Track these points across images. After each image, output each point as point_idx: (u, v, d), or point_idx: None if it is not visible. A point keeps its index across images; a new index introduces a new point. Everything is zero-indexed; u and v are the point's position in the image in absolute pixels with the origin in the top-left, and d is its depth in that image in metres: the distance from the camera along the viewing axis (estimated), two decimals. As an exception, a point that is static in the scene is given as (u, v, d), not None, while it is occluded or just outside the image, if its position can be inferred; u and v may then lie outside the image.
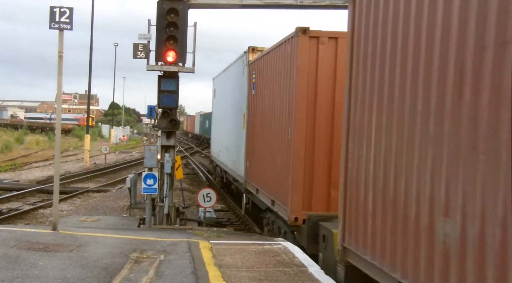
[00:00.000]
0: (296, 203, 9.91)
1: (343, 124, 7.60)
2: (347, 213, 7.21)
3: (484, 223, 4.04)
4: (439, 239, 4.71)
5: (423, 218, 5.05)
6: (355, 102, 7.15)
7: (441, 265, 4.61)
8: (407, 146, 5.49)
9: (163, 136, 13.63)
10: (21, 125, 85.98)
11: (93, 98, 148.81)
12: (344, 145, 7.42)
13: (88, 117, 40.28)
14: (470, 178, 4.25)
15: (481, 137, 4.11)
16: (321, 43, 10.08)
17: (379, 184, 6.18)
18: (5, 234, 9.42)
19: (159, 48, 12.82)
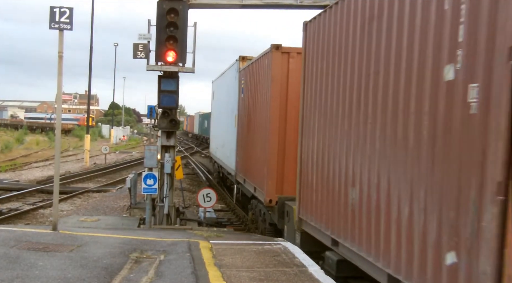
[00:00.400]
0: (270, 188, 12.05)
1: (299, 124, 9.89)
2: (301, 192, 9.48)
3: (369, 189, 6.52)
4: (350, 201, 7.20)
5: (342, 189, 7.51)
6: (306, 108, 9.47)
7: (351, 218, 7.11)
8: (333, 140, 8.01)
9: (163, 136, 13.63)
10: (21, 125, 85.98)
11: (93, 98, 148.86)
12: (300, 140, 9.82)
13: (88, 117, 40.27)
14: (362, 161, 6.82)
15: (368, 134, 6.66)
16: (291, 57, 12.13)
17: (319, 168, 8.63)
18: (5, 234, 9.42)
19: (159, 48, 12.82)
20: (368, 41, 6.77)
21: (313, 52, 9.22)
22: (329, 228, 7.92)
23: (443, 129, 4.94)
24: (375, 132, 6.46)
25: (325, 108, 8.45)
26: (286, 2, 13.23)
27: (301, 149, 9.68)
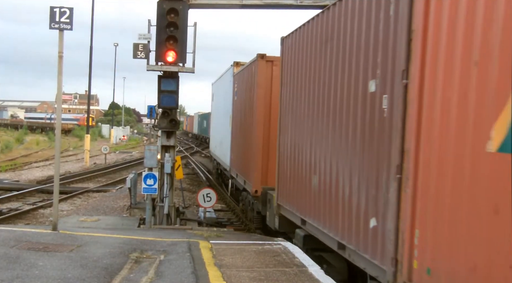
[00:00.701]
0: (256, 180, 13.74)
1: (278, 123, 11.69)
2: (279, 182, 11.23)
3: (329, 176, 8.12)
4: (312, 187, 8.88)
5: (307, 177, 9.22)
6: (282, 110, 11.31)
7: (313, 200, 8.78)
8: (301, 137, 9.76)
9: (163, 136, 13.63)
10: (21, 125, 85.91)
11: (93, 98, 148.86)
12: (278, 138, 11.59)
13: (88, 117, 40.27)
14: (320, 154, 8.57)
15: (324, 133, 8.43)
16: (275, 65, 13.41)
17: (291, 160, 10.39)
18: (5, 234, 9.42)
19: (159, 48, 12.82)
20: (324, 58, 8.64)
21: (288, 63, 11.03)
22: (298, 210, 9.70)
23: (368, 129, 6.64)
24: (328, 131, 8.25)
25: (296, 111, 10.32)
26: (286, 2, 13.22)
27: (279, 145, 11.53)
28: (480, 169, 4.20)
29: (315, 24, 9.28)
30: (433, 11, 5.00)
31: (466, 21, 4.43)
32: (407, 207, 5.38)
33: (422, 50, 5.19)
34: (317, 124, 8.86)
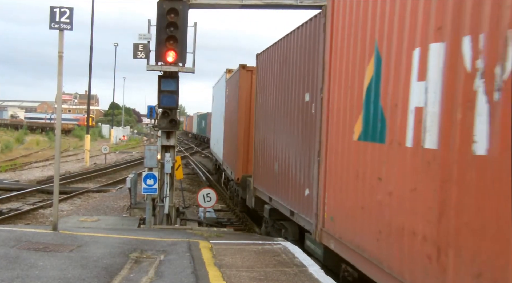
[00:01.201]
0: (238, 169, 16.65)
1: (254, 122, 14.59)
2: (255, 169, 14.03)
3: (284, 162, 10.76)
4: (275, 171, 11.57)
5: (272, 163, 11.91)
6: (256, 111, 14.24)
7: (276, 181, 11.46)
8: (268, 133, 12.58)
9: (163, 136, 13.63)
10: (21, 125, 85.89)
11: (93, 98, 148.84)
12: (255, 133, 14.34)
13: (88, 117, 40.27)
14: (279, 145, 11.28)
15: (281, 130, 11.16)
16: (254, 74, 15.50)
17: (262, 152, 13.29)
18: (5, 234, 9.42)
19: (159, 48, 12.82)
20: (282, 75, 11.50)
21: (260, 75, 14.01)
22: (267, 190, 12.50)
23: (304, 127, 9.53)
24: (284, 129, 11.06)
25: (265, 113, 13.23)
26: (286, 2, 13.22)
27: (254, 140, 14.40)
28: (350, 152, 7.02)
29: (277, 47, 12.08)
30: (333, 52, 7.88)
31: (346, 64, 7.34)
32: (322, 180, 8.13)
33: (328, 76, 8.01)
34: (277, 124, 11.76)
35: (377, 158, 6.15)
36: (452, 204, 4.57)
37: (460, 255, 4.37)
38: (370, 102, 6.39)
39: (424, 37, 5.16)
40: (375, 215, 6.13)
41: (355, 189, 6.77)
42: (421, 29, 5.23)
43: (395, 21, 5.82)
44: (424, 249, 4.95)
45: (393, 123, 5.74)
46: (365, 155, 6.49)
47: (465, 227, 4.35)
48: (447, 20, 4.76)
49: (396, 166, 5.63)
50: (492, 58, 4.12)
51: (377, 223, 6.05)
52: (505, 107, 3.90)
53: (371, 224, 6.22)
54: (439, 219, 4.73)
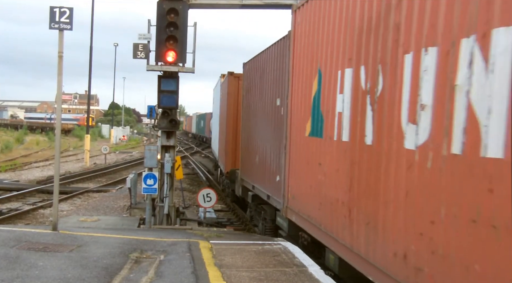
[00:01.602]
0: (228, 164, 19.03)
1: (241, 122, 17.02)
2: (242, 163, 16.45)
3: (262, 155, 13.17)
4: (256, 163, 13.84)
5: (254, 156, 14.14)
6: (243, 112, 16.61)
7: (257, 171, 13.70)
8: (251, 131, 14.92)
9: (163, 136, 13.63)
10: (21, 125, 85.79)
11: (93, 98, 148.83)
12: (242, 131, 16.76)
13: (88, 117, 40.26)
14: (259, 141, 13.67)
15: (261, 128, 13.51)
16: (240, 80, 17.79)
17: (247, 147, 15.56)
18: (5, 234, 9.42)
19: (159, 48, 12.82)
20: (261, 82, 13.82)
21: (245, 82, 16.46)
22: (250, 180, 14.71)
23: (276, 126, 11.63)
24: (263, 127, 13.32)
25: (249, 114, 15.61)
26: (286, 2, 13.21)
27: (241, 137, 16.93)
28: (303, 145, 9.18)
29: (258, 59, 14.41)
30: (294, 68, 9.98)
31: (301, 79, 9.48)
32: (287, 167, 10.28)
33: (291, 86, 10.14)
34: (258, 123, 14.10)
35: (318, 149, 8.36)
36: (355, 179, 6.73)
37: (360, 212, 6.56)
38: (315, 108, 8.57)
39: (342, 63, 7.39)
40: (317, 191, 8.31)
41: (306, 173, 9.01)
42: (341, 57, 7.44)
43: (328, 49, 8.06)
44: (342, 211, 7.17)
45: (327, 123, 7.93)
46: (312, 147, 8.71)
47: (362, 194, 6.52)
48: (353, 53, 6.98)
49: (329, 154, 7.82)
50: (373, 82, 6.28)
51: (319, 196, 8.22)
52: (379, 113, 6.09)
53: (315, 198, 8.41)
54: (350, 189, 6.93)
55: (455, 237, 4.44)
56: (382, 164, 5.94)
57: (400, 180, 5.48)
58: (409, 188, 5.30)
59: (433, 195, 4.81)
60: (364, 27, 6.65)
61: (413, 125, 5.26)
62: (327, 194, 7.81)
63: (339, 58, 7.52)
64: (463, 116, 4.39)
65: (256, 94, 14.49)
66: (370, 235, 6.18)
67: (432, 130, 4.92)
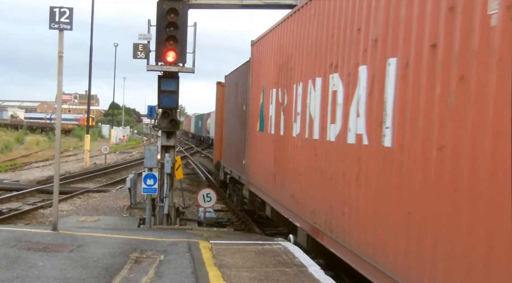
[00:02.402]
0: (216, 156, 22.82)
1: (224, 122, 21.10)
2: (224, 153, 20.64)
3: (236, 146, 17.34)
4: (232, 153, 18.33)
5: (232, 147, 18.56)
6: (224, 115, 20.84)
7: (232, 159, 18.16)
8: (229, 129, 19.42)
9: (163, 136, 13.63)
10: (21, 125, 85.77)
11: (93, 98, 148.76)
12: (224, 129, 20.99)
13: (88, 117, 40.26)
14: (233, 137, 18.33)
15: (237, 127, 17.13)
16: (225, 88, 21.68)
17: (228, 140, 19.89)
18: (5, 234, 9.42)
19: (159, 48, 12.82)
20: (236, 92, 17.52)
21: (227, 90, 20.58)
22: (228, 165, 19.04)
23: (243, 123, 15.43)
24: (237, 126, 16.78)
25: (228, 115, 19.65)
26: (286, 2, 13.22)
27: (224, 134, 21.10)
28: (255, 137, 13.37)
29: (235, 73, 18.47)
30: (252, 84, 13.85)
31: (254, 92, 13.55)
32: (248, 154, 13.89)
33: (251, 96, 13.83)
34: (234, 122, 17.95)
35: (262, 139, 12.58)
36: (276, 157, 10.98)
37: (278, 177, 10.78)
38: (261, 112, 12.63)
39: (272, 85, 11.65)
40: (262, 168, 12.48)
41: (256, 156, 13.34)
42: (271, 81, 11.67)
43: (266, 75, 12.35)
44: (271, 178, 11.35)
45: (266, 122, 12.05)
46: (259, 138, 12.91)
47: (279, 166, 10.73)
48: (276, 80, 11.27)
49: (266, 142, 12.07)
50: (283, 98, 10.61)
51: (262, 171, 12.39)
52: (285, 116, 10.22)
53: (261, 173, 12.60)
54: (274, 164, 11.13)
55: (309, 182, 8.70)
56: (285, 146, 10.33)
57: (291, 154, 9.88)
58: (295, 159, 9.68)
59: (302, 161, 9.21)
60: (280, 66, 10.95)
61: (295, 123, 9.68)
62: (265, 169, 12.10)
63: (270, 82, 11.83)
64: (307, 119, 8.86)
65: (232, 101, 18.68)
66: (282, 189, 10.50)
67: (300, 126, 9.34)
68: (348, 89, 7.11)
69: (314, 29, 8.75)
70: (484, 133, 4.17)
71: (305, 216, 8.83)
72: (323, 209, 7.93)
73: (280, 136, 10.65)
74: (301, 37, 9.50)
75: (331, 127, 7.70)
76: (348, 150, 7.00)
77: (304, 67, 9.22)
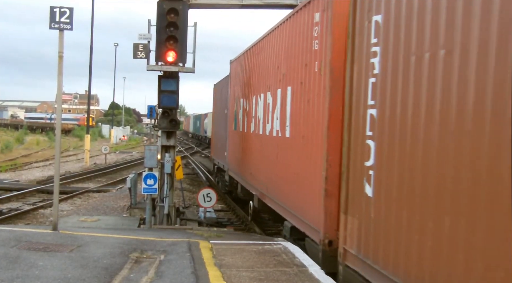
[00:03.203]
0: (212, 154, 25.73)
1: (214, 122, 27.05)
2: (213, 148, 26.12)
3: (220, 142, 21.69)
4: (219, 147, 22.54)
5: (219, 143, 22.51)
6: (214, 115, 27.06)
7: (218, 151, 22.68)
8: (218, 127, 23.60)
9: (163, 136, 13.63)
10: (21, 125, 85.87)
11: (93, 98, 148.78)
12: (213, 127, 27.30)
13: (88, 117, 40.25)
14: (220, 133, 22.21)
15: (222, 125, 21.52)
16: None
17: (216, 137, 24.71)
18: (5, 234, 9.42)
19: (159, 48, 12.82)
20: (220, 97, 22.35)
21: (215, 96, 24.80)
22: (216, 158, 23.01)
23: (225, 123, 19.75)
24: (221, 124, 21.35)
25: (216, 117, 24.18)
26: (286, 2, 13.22)
27: (213, 132, 26.08)
28: (232, 134, 17.74)
29: (221, 82, 22.42)
30: (230, 93, 18.34)
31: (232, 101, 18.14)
32: (227, 147, 18.53)
33: (229, 102, 18.52)
34: (220, 122, 21.74)
35: (235, 135, 16.55)
36: (243, 148, 15.18)
37: (244, 162, 15.09)
38: (235, 115, 16.48)
39: (241, 95, 15.72)
40: (235, 156, 16.73)
41: (232, 148, 17.54)
42: (241, 93, 15.74)
43: (239, 88, 16.25)
44: (240, 161, 15.78)
45: (238, 123, 16.01)
46: (234, 135, 16.91)
47: (244, 154, 15.14)
48: (243, 91, 15.50)
49: (237, 137, 16.27)
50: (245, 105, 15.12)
51: (235, 158, 16.64)
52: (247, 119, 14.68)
53: (234, 160, 16.79)
54: (241, 153, 15.43)
55: (258, 162, 12.90)
56: (247, 139, 14.57)
57: (250, 144, 13.98)
58: (251, 147, 13.82)
59: (254, 148, 13.45)
60: (244, 83, 15.29)
61: (251, 123, 13.73)
62: (237, 157, 16.22)
63: (240, 93, 15.97)
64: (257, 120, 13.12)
65: (219, 105, 22.86)
66: (245, 170, 14.66)
67: (254, 125, 13.45)
68: (274, 102, 11.40)
69: (260, 61, 13.19)
70: (316, 125, 8.54)
71: (257, 186, 13.06)
72: (265, 179, 12.15)
73: (245, 133, 15.12)
74: (254, 65, 13.98)
75: (267, 126, 12.07)
76: (273, 140, 11.43)
77: (255, 85, 13.67)
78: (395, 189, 5.63)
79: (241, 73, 15.89)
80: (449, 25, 4.69)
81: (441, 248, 4.68)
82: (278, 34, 11.26)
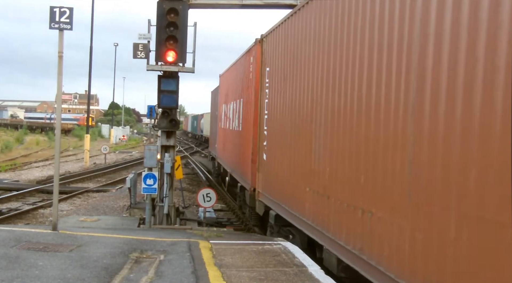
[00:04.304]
0: (210, 148, 32.89)
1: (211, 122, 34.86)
2: (210, 143, 34.30)
3: (214, 136, 28.85)
4: (221, 148, 24.06)
5: (213, 139, 28.75)
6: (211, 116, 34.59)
7: (220, 152, 23.87)
8: (213, 126, 29.52)
9: (163, 136, 13.63)
10: (21, 125, 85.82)
11: (93, 98, 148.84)
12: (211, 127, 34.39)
13: (88, 117, 40.23)
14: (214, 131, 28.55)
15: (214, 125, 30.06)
16: None
17: (211, 134, 31.81)
18: (5, 234, 9.42)
19: (159, 48, 12.81)
20: (215, 101, 28.08)
21: (212, 99, 30.78)
22: (212, 150, 29.47)
23: (216, 122, 26.39)
24: (214, 124, 27.91)
25: (213, 118, 30.28)
26: (286, 2, 13.21)
27: (210, 130, 33.19)
28: (220, 130, 23.54)
29: (214, 90, 28.40)
30: (220, 98, 24.23)
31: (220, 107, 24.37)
32: (217, 141, 25.11)
33: (220, 105, 24.16)
34: (214, 122, 27.69)
35: (224, 132, 21.65)
36: (224, 141, 21.76)
37: (232, 154, 18.79)
38: (222, 116, 22.39)
39: (228, 101, 20.49)
40: (224, 148, 21.60)
41: (219, 141, 23.78)
42: (224, 101, 22.22)
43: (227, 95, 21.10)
44: (230, 155, 19.42)
45: (222, 121, 22.35)
46: (220, 131, 23.17)
47: (225, 145, 21.43)
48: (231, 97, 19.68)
49: (221, 132, 22.95)
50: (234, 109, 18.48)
51: (224, 151, 21.65)
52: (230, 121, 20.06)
53: (221, 150, 23.05)
54: (223, 143, 22.16)
55: (231, 150, 19.14)
56: (226, 134, 20.30)
57: (227, 137, 20.37)
58: (228, 139, 20.15)
59: (229, 140, 19.76)
60: (225, 93, 21.31)
61: (228, 122, 20.26)
62: (226, 149, 20.41)
63: (223, 100, 21.96)
64: (230, 120, 19.30)
65: (213, 108, 28.83)
66: (226, 157, 20.87)
67: (230, 123, 19.38)
68: (236, 108, 17.23)
69: (231, 80, 19.46)
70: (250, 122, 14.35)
71: (229, 165, 19.32)
72: (233, 163, 18.03)
73: (226, 129, 20.51)
74: (230, 80, 19.76)
75: (232, 123, 17.87)
76: (235, 133, 17.15)
77: (229, 96, 19.85)
78: (274, 155, 11.50)
79: (225, 85, 22.45)
80: None
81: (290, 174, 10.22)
82: (239, 64, 17.31)
